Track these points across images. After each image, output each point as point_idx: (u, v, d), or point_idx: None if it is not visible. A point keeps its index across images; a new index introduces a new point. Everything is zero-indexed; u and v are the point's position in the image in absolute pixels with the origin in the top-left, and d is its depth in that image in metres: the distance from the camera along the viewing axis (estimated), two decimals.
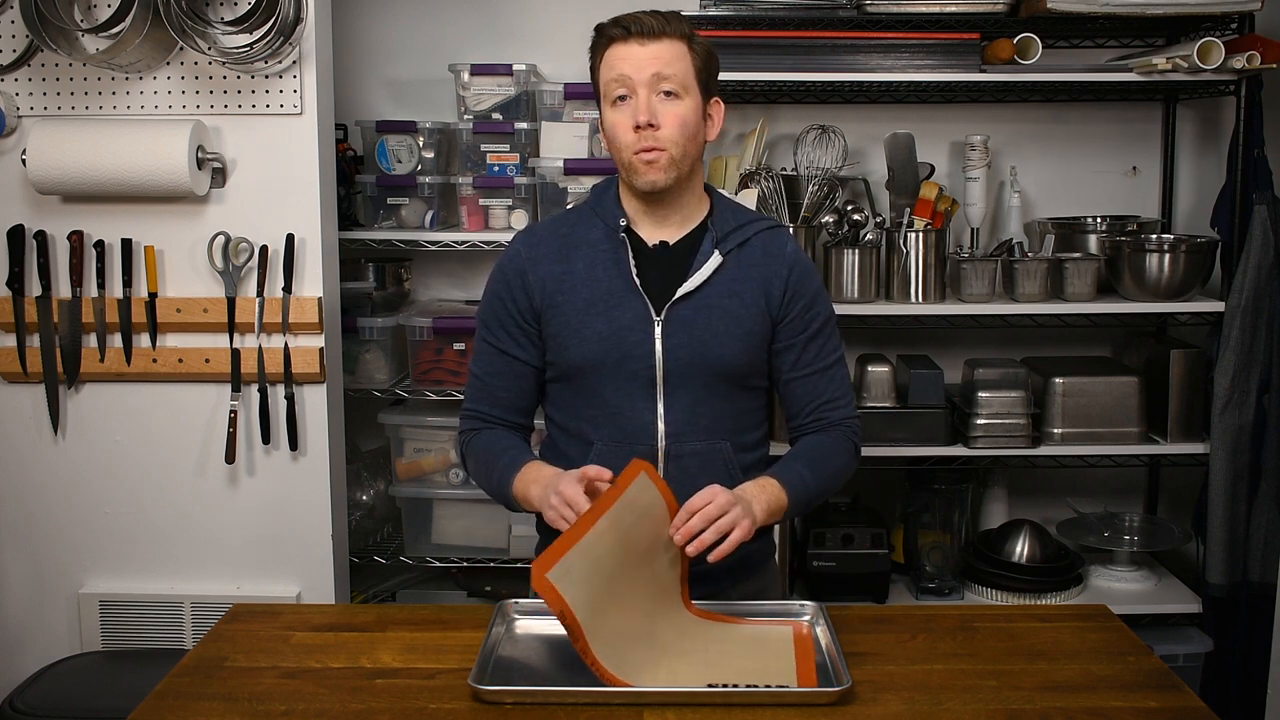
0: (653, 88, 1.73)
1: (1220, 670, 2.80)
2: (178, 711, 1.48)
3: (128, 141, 2.32)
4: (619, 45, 1.76)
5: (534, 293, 1.81)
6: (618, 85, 1.75)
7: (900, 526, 2.94)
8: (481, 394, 1.87)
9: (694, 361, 1.78)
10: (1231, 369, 2.69)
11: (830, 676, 1.52)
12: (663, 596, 1.65)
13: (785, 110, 3.04)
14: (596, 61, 1.80)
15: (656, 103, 1.74)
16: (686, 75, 1.75)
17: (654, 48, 1.74)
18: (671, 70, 1.74)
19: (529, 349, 1.84)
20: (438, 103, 3.02)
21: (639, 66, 1.73)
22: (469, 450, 1.87)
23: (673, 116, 1.74)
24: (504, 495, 1.79)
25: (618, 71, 1.75)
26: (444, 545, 2.89)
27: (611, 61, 1.76)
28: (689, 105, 1.76)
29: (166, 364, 2.45)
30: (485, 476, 1.83)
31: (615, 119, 1.76)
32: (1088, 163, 3.09)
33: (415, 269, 3.08)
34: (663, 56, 1.74)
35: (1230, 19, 2.72)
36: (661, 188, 1.77)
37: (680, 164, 1.77)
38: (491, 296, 1.86)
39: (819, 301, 1.86)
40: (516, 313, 1.82)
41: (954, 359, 2.99)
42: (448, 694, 1.50)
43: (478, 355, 1.88)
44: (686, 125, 1.75)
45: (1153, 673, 1.58)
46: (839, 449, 1.85)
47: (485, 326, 1.86)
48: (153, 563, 2.52)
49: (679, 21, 1.77)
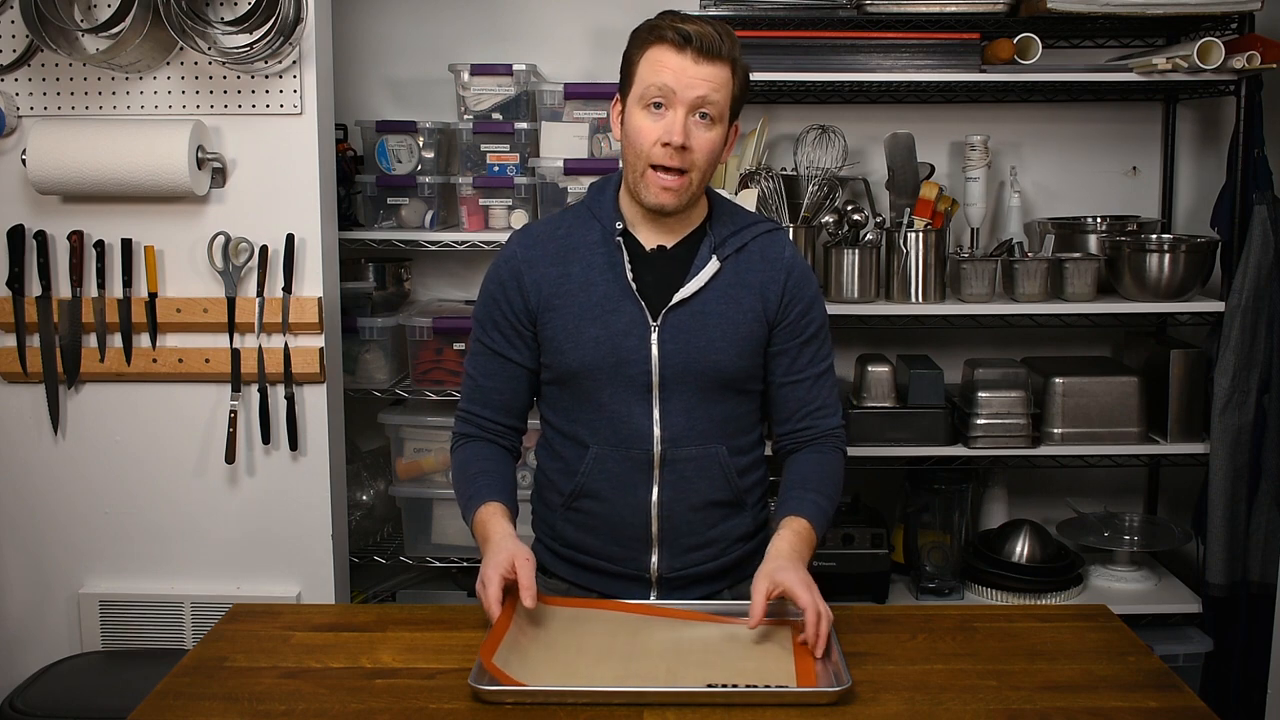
0: (692, 109, 1.69)
1: (1220, 670, 2.80)
2: (178, 711, 1.48)
3: (128, 141, 2.32)
4: (672, 52, 1.68)
5: (530, 295, 1.80)
6: (658, 92, 1.69)
7: (900, 526, 2.94)
8: (475, 395, 1.87)
9: (690, 367, 1.77)
10: (1231, 369, 2.69)
11: (830, 676, 1.52)
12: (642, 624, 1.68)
13: (785, 110, 3.04)
14: (638, 54, 1.73)
15: (692, 125, 1.70)
16: (725, 102, 1.71)
17: (706, 70, 1.68)
18: (716, 97, 1.69)
19: (523, 351, 1.83)
20: (438, 103, 3.02)
21: (687, 84, 1.68)
22: (453, 459, 1.90)
23: (705, 142, 1.71)
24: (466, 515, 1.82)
25: (663, 80, 1.68)
26: (444, 545, 2.89)
27: (658, 64, 1.69)
28: (719, 133, 1.73)
29: (166, 364, 2.45)
30: (458, 494, 1.86)
31: (645, 124, 1.71)
32: (1088, 163, 3.09)
33: (415, 269, 3.08)
34: (712, 81, 1.69)
35: (1230, 19, 2.72)
36: (671, 212, 1.76)
37: (697, 190, 1.76)
38: (487, 297, 1.85)
39: (815, 308, 1.86)
40: (511, 314, 1.82)
41: (954, 359, 2.99)
42: (448, 694, 1.50)
43: (472, 355, 1.88)
44: (714, 152, 1.74)
45: (1153, 673, 1.58)
46: (836, 465, 1.86)
47: (480, 326, 1.86)
48: (153, 563, 2.52)
49: (733, 43, 1.71)
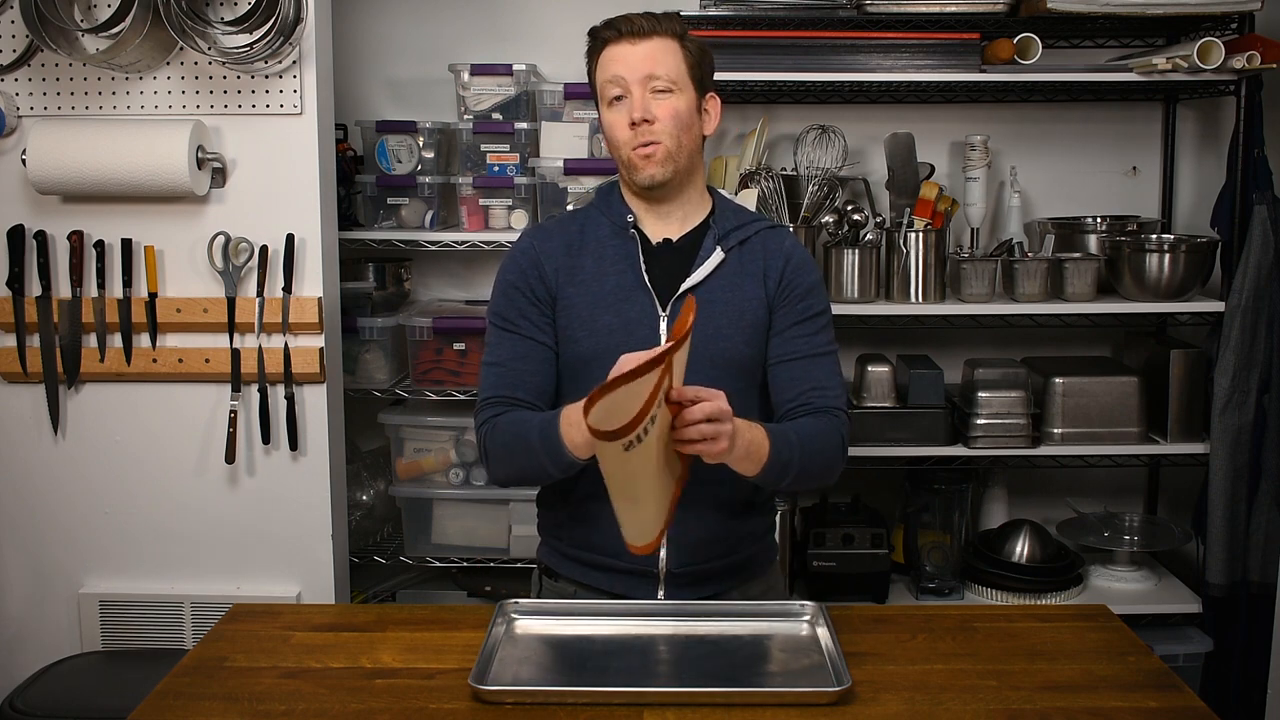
0: (646, 86, 1.78)
1: (1220, 670, 2.80)
2: (178, 711, 1.48)
3: (128, 141, 2.32)
4: (612, 47, 1.80)
5: (549, 280, 1.83)
6: (613, 86, 1.80)
7: (900, 526, 2.94)
8: (504, 380, 1.79)
9: (699, 355, 1.77)
10: (1231, 369, 2.69)
11: (830, 676, 1.52)
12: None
13: (785, 110, 3.04)
14: (593, 64, 1.85)
15: (650, 99, 1.78)
16: (678, 72, 1.79)
17: (645, 47, 1.78)
18: (663, 68, 1.78)
19: (549, 333, 1.82)
20: (438, 103, 3.02)
21: (632, 66, 1.78)
22: (495, 431, 1.75)
23: (665, 109, 1.78)
24: (549, 442, 1.66)
25: (612, 72, 1.79)
26: (444, 545, 2.89)
27: (606, 63, 1.81)
28: (682, 100, 1.79)
29: (166, 364, 2.45)
30: (522, 440, 1.70)
31: (612, 118, 1.81)
32: (1088, 163, 3.09)
33: (415, 269, 3.08)
34: (654, 55, 1.78)
35: (1230, 19, 2.72)
36: (660, 181, 1.80)
37: (676, 157, 1.79)
38: (506, 287, 1.84)
39: (814, 294, 1.86)
40: (535, 299, 1.82)
41: (954, 359, 2.99)
42: (448, 694, 1.50)
43: (495, 346, 1.82)
44: (679, 117, 1.79)
45: (1153, 673, 1.58)
46: (829, 434, 1.78)
47: (501, 318, 1.83)
48: (153, 563, 2.52)
49: (670, 20, 1.81)
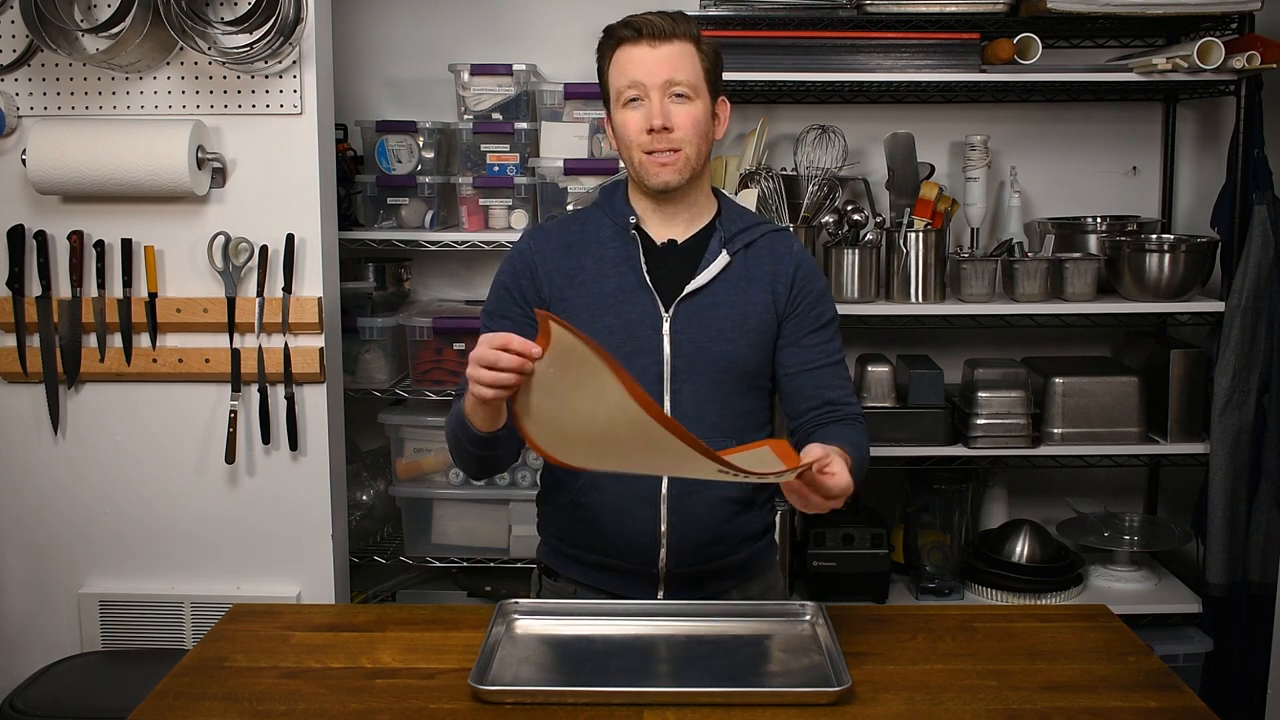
0: (665, 91, 1.75)
1: (1220, 670, 2.80)
2: (178, 711, 1.48)
3: (128, 141, 2.32)
4: (629, 47, 1.77)
5: (542, 285, 1.82)
6: (631, 89, 1.76)
7: (900, 526, 2.94)
8: None
9: (701, 358, 1.78)
10: (1231, 369, 2.69)
11: (830, 676, 1.52)
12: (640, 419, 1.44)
13: (785, 110, 3.04)
14: (605, 63, 1.82)
15: (669, 105, 1.76)
16: (697, 77, 1.78)
17: (665, 50, 1.75)
18: (683, 74, 1.76)
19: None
20: (438, 103, 3.02)
21: (651, 71, 1.75)
22: (448, 421, 1.75)
23: (685, 117, 1.76)
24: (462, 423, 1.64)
25: (630, 77, 1.76)
26: (444, 545, 2.89)
27: (623, 65, 1.78)
28: (700, 106, 1.78)
29: (166, 364, 2.45)
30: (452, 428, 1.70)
31: (627, 119, 1.78)
32: (1088, 163, 3.09)
33: (415, 269, 3.08)
34: (674, 60, 1.75)
35: (1230, 19, 2.72)
36: (675, 187, 1.79)
37: (695, 163, 1.79)
38: (499, 288, 1.85)
39: (824, 301, 1.87)
40: (524, 302, 1.82)
41: (954, 359, 2.99)
42: (448, 694, 1.50)
43: None
44: (699, 125, 1.78)
45: (1153, 673, 1.58)
46: (864, 442, 1.80)
47: (490, 318, 1.84)
48: (153, 563, 2.52)
49: (687, 23, 1.79)
